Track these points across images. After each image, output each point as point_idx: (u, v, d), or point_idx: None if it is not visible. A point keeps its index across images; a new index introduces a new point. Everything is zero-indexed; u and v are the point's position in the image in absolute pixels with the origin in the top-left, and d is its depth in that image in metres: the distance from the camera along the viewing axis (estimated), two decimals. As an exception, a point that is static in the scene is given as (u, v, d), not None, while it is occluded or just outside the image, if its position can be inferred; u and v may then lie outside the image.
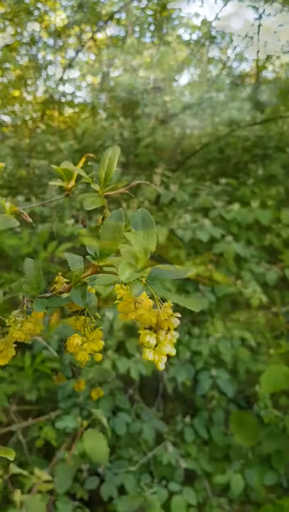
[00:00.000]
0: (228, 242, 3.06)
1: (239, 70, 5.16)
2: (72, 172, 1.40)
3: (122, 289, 0.67)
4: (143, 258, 0.62)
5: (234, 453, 2.79)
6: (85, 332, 0.71)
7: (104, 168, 1.36)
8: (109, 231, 0.65)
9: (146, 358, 0.63)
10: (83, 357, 0.69)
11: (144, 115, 4.10)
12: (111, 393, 2.83)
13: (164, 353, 0.63)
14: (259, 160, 3.99)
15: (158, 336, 0.64)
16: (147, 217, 0.67)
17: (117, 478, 2.55)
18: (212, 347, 2.89)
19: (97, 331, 0.71)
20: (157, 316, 0.64)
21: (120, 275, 0.55)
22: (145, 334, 0.63)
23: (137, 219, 0.66)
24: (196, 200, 3.34)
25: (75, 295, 0.64)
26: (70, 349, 0.70)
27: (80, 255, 0.73)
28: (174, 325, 0.63)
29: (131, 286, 0.60)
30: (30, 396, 2.86)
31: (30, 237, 3.22)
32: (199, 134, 4.10)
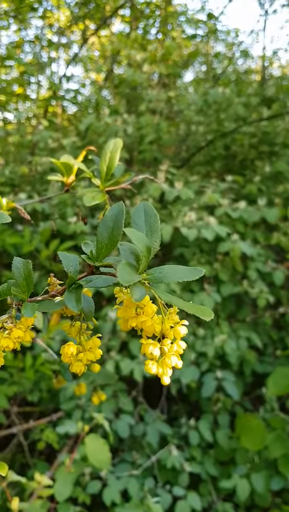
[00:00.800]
0: (234, 240, 2.98)
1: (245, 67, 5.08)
2: (72, 166, 1.33)
3: (122, 293, 0.60)
4: (145, 257, 0.54)
5: (240, 457, 2.72)
6: (81, 340, 0.64)
7: (105, 162, 1.29)
8: (107, 227, 0.57)
9: (149, 371, 0.55)
10: (78, 368, 0.62)
11: (149, 111, 4.02)
12: (114, 395, 2.77)
13: (170, 366, 0.56)
14: (266, 157, 3.90)
15: (162, 346, 0.56)
16: (150, 211, 0.59)
17: (120, 483, 2.48)
18: (217, 348, 2.82)
19: (94, 339, 0.64)
20: (162, 324, 0.56)
21: (119, 277, 0.48)
22: (148, 344, 0.56)
23: (139, 213, 0.59)
24: (202, 197, 3.27)
25: (68, 299, 0.57)
26: (64, 359, 0.62)
27: (82, 254, 0.66)
28: (181, 334, 0.56)
29: (131, 289, 0.53)
30: (32, 397, 2.81)
31: (32, 235, 3.16)
32: (204, 131, 4.01)
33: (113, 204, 0.79)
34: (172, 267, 0.56)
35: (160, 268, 0.56)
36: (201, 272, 0.55)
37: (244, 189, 3.51)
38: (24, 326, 0.61)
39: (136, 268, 0.54)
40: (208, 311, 0.48)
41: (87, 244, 0.59)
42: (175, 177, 3.42)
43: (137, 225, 0.59)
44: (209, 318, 0.47)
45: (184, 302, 0.49)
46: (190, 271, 0.55)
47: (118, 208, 0.59)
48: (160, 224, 0.61)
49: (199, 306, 0.49)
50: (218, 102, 3.69)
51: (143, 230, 0.58)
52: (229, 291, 3.00)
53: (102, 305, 3.23)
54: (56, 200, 3.35)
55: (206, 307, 0.48)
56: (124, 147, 3.81)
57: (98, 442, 1.78)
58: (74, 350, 0.62)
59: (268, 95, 3.94)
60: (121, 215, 0.58)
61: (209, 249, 3.18)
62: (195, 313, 0.47)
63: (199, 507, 2.47)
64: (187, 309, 0.48)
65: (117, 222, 0.58)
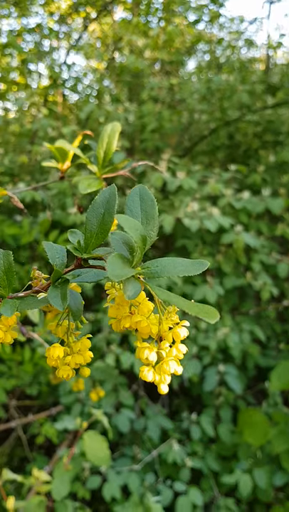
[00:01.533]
0: (237, 232, 2.90)
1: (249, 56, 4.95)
2: (67, 152, 1.26)
3: (114, 289, 0.53)
4: (140, 249, 0.47)
5: (242, 452, 2.67)
6: (69, 341, 0.57)
7: (102, 147, 1.21)
8: (97, 214, 0.50)
9: (145, 378, 0.49)
10: (65, 373, 0.55)
11: (151, 99, 3.92)
12: (114, 389, 2.71)
13: (168, 372, 0.49)
14: (270, 146, 3.81)
15: (160, 350, 0.49)
16: (147, 195, 0.52)
17: (120, 478, 2.44)
18: (220, 341, 2.76)
19: (83, 341, 0.57)
20: (159, 325, 0.50)
21: (109, 271, 0.41)
22: (143, 348, 0.49)
23: (133, 198, 0.51)
24: (204, 187, 3.18)
25: (53, 295, 0.50)
26: (50, 362, 0.56)
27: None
28: (181, 336, 0.49)
29: (124, 285, 0.46)
30: (31, 391, 2.76)
31: (31, 225, 3.09)
32: (208, 119, 3.91)
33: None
34: (171, 260, 0.49)
35: (157, 261, 0.49)
36: (205, 265, 0.48)
37: (248, 179, 3.42)
38: (5, 325, 0.54)
39: (129, 261, 0.47)
40: (212, 312, 0.41)
41: (74, 234, 0.52)
42: (177, 167, 3.33)
43: (132, 212, 0.51)
44: (214, 321, 0.40)
45: (185, 301, 0.42)
46: (192, 264, 0.48)
47: (110, 191, 0.51)
48: (160, 213, 0.54)
49: (202, 306, 0.42)
50: (222, 90, 3.59)
51: (138, 218, 0.51)
52: (232, 283, 2.93)
53: (103, 297, 3.17)
54: (56, 190, 3.27)
55: (210, 307, 0.41)
56: (126, 136, 3.72)
57: (97, 439, 1.72)
58: (61, 352, 0.55)
59: (273, 83, 3.83)
60: (113, 199, 0.51)
61: (212, 240, 3.11)
62: (197, 314, 0.40)
63: (201, 502, 2.42)
64: (188, 310, 0.41)
65: (108, 208, 0.51)
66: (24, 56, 4.57)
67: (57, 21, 5.02)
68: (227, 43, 4.55)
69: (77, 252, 0.51)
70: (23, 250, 3.20)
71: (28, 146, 4.07)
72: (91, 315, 2.89)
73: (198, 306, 0.42)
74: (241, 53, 4.80)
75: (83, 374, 0.59)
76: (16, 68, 4.82)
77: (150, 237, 0.51)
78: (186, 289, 2.85)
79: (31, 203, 3.32)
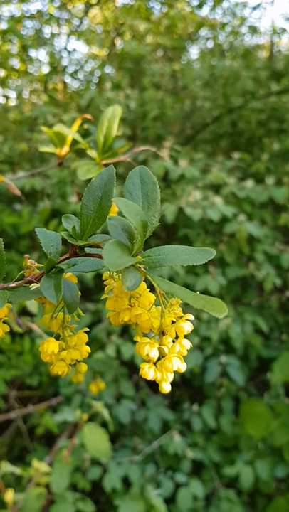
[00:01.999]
0: (240, 221, 2.85)
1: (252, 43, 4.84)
2: (65, 136, 1.21)
3: (113, 279, 0.49)
4: (141, 235, 0.43)
5: (244, 443, 2.65)
6: (64, 335, 0.53)
7: (102, 132, 1.16)
8: (93, 197, 0.46)
9: (145, 376, 0.45)
10: (60, 369, 0.51)
11: (153, 86, 3.84)
12: (115, 379, 2.69)
13: (170, 370, 0.45)
14: (274, 134, 3.73)
15: (162, 345, 0.45)
16: (148, 177, 0.48)
17: (121, 469, 2.43)
18: (222, 332, 2.73)
19: (80, 334, 0.53)
20: (161, 318, 0.46)
21: (106, 260, 0.37)
22: (144, 344, 0.45)
23: (133, 180, 0.47)
24: (207, 176, 3.12)
25: (45, 286, 0.46)
26: (44, 358, 0.52)
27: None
28: (185, 331, 0.45)
29: (123, 275, 0.42)
30: (31, 381, 2.74)
31: (31, 215, 3.04)
32: (211, 106, 3.83)
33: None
34: (174, 248, 0.45)
35: (159, 249, 0.45)
36: (211, 254, 0.44)
37: (251, 168, 3.36)
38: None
39: (128, 249, 0.43)
40: (219, 305, 0.37)
41: (68, 219, 0.48)
42: (179, 155, 3.27)
43: (132, 196, 0.47)
44: (222, 315, 0.36)
45: (190, 293, 0.38)
46: (197, 252, 0.44)
47: (108, 173, 0.47)
48: (162, 202, 0.49)
49: (209, 298, 0.38)
50: (226, 76, 3.51)
51: (139, 202, 0.47)
52: (235, 273, 2.89)
53: (103, 287, 3.13)
54: (56, 178, 3.22)
55: (217, 300, 0.37)
56: (127, 123, 3.65)
57: (97, 432, 1.70)
58: (55, 347, 0.51)
59: (278, 69, 3.74)
60: (111, 182, 0.46)
61: (214, 230, 3.06)
62: (203, 307, 0.36)
63: (202, 494, 2.41)
64: (193, 302, 0.37)
65: (106, 192, 0.47)
66: (24, 42, 4.48)
67: (58, 7, 4.92)
68: (231, 29, 4.45)
69: (72, 239, 0.47)
70: (22, 239, 3.16)
71: (28, 134, 4.01)
72: (91, 305, 2.86)
73: (205, 299, 0.38)
74: (245, 40, 4.70)
75: (80, 370, 0.55)
76: (16, 55, 4.73)
77: (151, 223, 0.46)
78: (188, 279, 2.82)
79: (31, 191, 3.27)
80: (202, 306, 0.37)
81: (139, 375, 0.46)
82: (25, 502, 1.69)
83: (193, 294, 0.39)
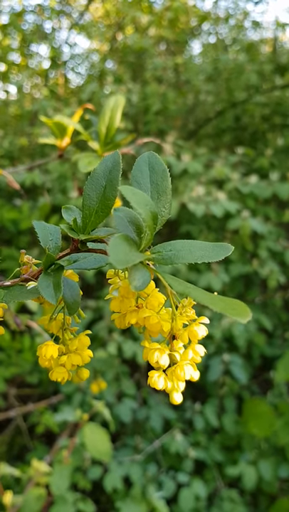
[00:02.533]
0: (244, 217, 2.80)
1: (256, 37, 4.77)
2: (66, 127, 1.16)
3: (118, 277, 0.44)
4: (150, 229, 0.38)
5: (247, 443, 2.61)
6: (64, 338, 0.48)
7: (104, 122, 1.11)
8: (97, 186, 0.41)
9: (155, 386, 0.40)
10: (60, 376, 0.46)
11: (155, 80, 3.78)
12: (116, 378, 2.65)
13: (182, 379, 0.40)
14: (278, 129, 3.68)
15: (172, 351, 0.41)
16: (158, 164, 0.43)
17: (122, 468, 2.39)
18: (225, 330, 2.68)
19: (81, 338, 0.48)
20: (172, 321, 0.41)
21: (111, 256, 0.32)
22: (153, 349, 0.40)
23: (141, 167, 0.42)
24: (210, 171, 3.07)
25: (43, 285, 0.41)
26: (42, 363, 0.47)
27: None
28: (199, 335, 0.41)
29: (130, 273, 0.37)
30: (31, 379, 2.70)
31: (31, 210, 2.99)
32: (214, 101, 3.77)
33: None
34: (188, 243, 0.40)
35: (170, 244, 0.40)
36: (228, 250, 0.39)
37: (255, 163, 3.30)
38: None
39: (136, 243, 0.39)
40: (242, 308, 0.32)
41: (69, 210, 0.43)
42: (182, 149, 3.22)
43: (139, 185, 0.42)
44: (246, 320, 0.31)
45: (207, 294, 0.33)
46: (212, 248, 0.39)
47: (113, 159, 0.42)
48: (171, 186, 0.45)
49: (230, 300, 0.33)
50: (229, 69, 3.45)
51: (147, 191, 0.42)
52: (238, 270, 2.85)
53: (104, 284, 3.09)
54: (56, 174, 3.17)
55: (239, 302, 0.32)
56: (129, 118, 3.60)
57: (98, 432, 1.66)
58: (54, 351, 0.46)
59: (282, 63, 3.68)
60: (117, 169, 0.42)
61: (217, 226, 3.01)
62: (224, 311, 0.31)
63: (204, 494, 2.38)
64: (212, 305, 0.32)
65: (111, 180, 0.42)
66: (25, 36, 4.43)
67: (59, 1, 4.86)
68: (234, 23, 4.38)
69: (73, 232, 0.42)
70: (22, 235, 3.11)
71: (28, 129, 3.96)
72: (92, 302, 2.82)
73: (225, 301, 0.33)
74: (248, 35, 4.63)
75: (81, 376, 0.51)
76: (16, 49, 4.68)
77: (161, 216, 0.42)
78: (190, 276, 2.77)
79: (31, 186, 3.22)
80: (222, 309, 0.32)
81: (148, 384, 0.41)
82: (25, 503, 1.65)
83: (211, 295, 0.35)
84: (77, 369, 0.50)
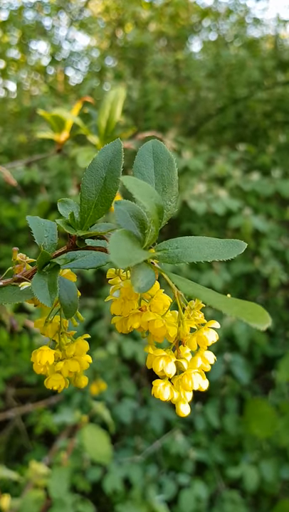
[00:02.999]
0: (245, 215, 2.77)
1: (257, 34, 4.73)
2: (64, 120, 1.12)
3: (119, 277, 0.40)
4: (155, 224, 0.34)
5: (248, 443, 2.58)
6: (61, 343, 0.45)
7: (104, 116, 1.07)
8: (96, 178, 0.37)
9: (160, 397, 0.36)
10: (56, 384, 0.43)
11: (155, 76, 3.74)
12: (116, 377, 2.62)
13: (190, 389, 0.37)
14: (280, 126, 3.64)
15: (179, 359, 0.37)
16: (163, 153, 0.39)
17: (122, 469, 2.36)
18: (226, 330, 2.65)
19: (79, 342, 0.45)
20: (178, 325, 0.37)
21: (112, 254, 0.29)
22: (158, 357, 0.36)
23: (145, 157, 0.38)
24: (211, 168, 3.03)
25: (37, 286, 0.37)
26: (37, 370, 0.43)
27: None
28: (208, 341, 0.37)
29: (133, 273, 0.33)
30: (30, 379, 2.66)
31: (30, 208, 2.96)
32: (215, 97, 3.73)
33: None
34: (196, 240, 0.36)
35: (177, 240, 0.37)
36: (241, 247, 0.36)
37: (257, 160, 3.26)
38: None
39: (140, 240, 0.35)
40: (260, 312, 0.29)
41: (66, 204, 0.39)
42: (183, 146, 3.18)
43: (143, 176, 0.38)
44: (265, 326, 0.28)
45: (220, 296, 0.30)
46: (223, 245, 0.35)
47: (114, 148, 0.38)
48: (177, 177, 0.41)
49: (245, 303, 0.29)
50: (231, 65, 3.41)
51: (152, 183, 0.38)
52: (239, 269, 2.81)
53: (104, 282, 3.05)
54: (56, 171, 3.13)
55: (256, 306, 0.28)
56: (129, 114, 3.56)
57: (97, 434, 1.62)
58: (50, 357, 0.43)
59: (285, 59, 3.64)
60: (118, 159, 0.38)
61: (219, 224, 2.97)
62: (239, 315, 0.28)
63: (205, 495, 2.35)
64: (226, 309, 0.29)
65: (112, 171, 0.38)
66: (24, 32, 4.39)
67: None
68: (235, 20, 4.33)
69: (70, 228, 0.38)
70: (21, 233, 3.07)
71: (27, 126, 3.92)
72: (92, 301, 2.78)
73: (240, 304, 0.30)
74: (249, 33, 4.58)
75: (79, 384, 0.47)
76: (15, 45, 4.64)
77: (167, 209, 0.38)
78: (191, 274, 2.74)
79: (30, 184, 3.19)
80: (237, 313, 0.28)
81: (152, 394, 0.38)
82: (23, 506, 1.62)
83: (224, 297, 0.31)
84: (74, 376, 0.46)
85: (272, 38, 4.46)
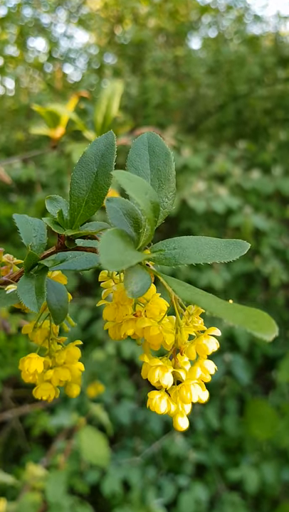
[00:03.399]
0: (246, 214, 2.74)
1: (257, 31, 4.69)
2: (59, 116, 1.09)
3: (112, 280, 0.38)
4: (150, 223, 0.31)
5: (249, 445, 2.55)
6: (51, 349, 0.42)
7: (101, 111, 1.04)
8: (87, 173, 0.34)
9: (156, 410, 0.33)
10: (45, 394, 0.40)
11: (154, 73, 3.70)
12: (114, 378, 2.59)
13: (188, 401, 0.34)
14: (280, 123, 3.60)
15: (177, 368, 0.34)
16: (159, 147, 0.36)
17: (121, 471, 2.33)
18: (226, 329, 2.62)
19: (70, 349, 0.42)
20: (176, 332, 0.34)
21: (101, 256, 0.26)
22: (154, 367, 0.33)
23: (139, 150, 0.36)
24: (211, 166, 3.00)
25: (23, 289, 0.34)
26: (26, 378, 0.41)
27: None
28: (209, 350, 0.34)
29: (126, 276, 0.30)
30: (28, 379, 2.63)
31: (27, 206, 2.92)
32: (215, 94, 3.70)
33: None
34: (195, 240, 0.33)
35: (174, 241, 0.34)
36: (244, 248, 0.33)
37: (257, 158, 3.23)
38: None
39: (133, 240, 0.32)
40: (266, 321, 0.26)
41: (54, 201, 0.36)
42: (183, 144, 3.14)
43: (137, 170, 0.35)
44: (271, 337, 0.25)
45: (221, 303, 0.27)
46: (224, 246, 0.33)
47: (106, 141, 0.35)
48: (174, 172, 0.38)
49: (249, 310, 0.26)
50: (231, 61, 3.37)
51: (147, 178, 0.35)
52: (240, 268, 2.78)
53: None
54: (53, 169, 3.10)
55: (262, 313, 0.26)
56: (128, 111, 3.53)
57: (95, 437, 1.60)
58: (39, 365, 0.40)
59: (285, 55, 3.60)
60: (110, 152, 0.35)
61: (218, 223, 2.94)
62: (244, 325, 0.25)
63: (205, 497, 2.32)
64: (228, 317, 0.26)
65: (104, 165, 0.35)
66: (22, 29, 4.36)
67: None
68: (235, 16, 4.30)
69: (59, 227, 0.35)
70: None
71: (25, 123, 3.89)
72: (90, 300, 2.75)
73: (243, 311, 0.27)
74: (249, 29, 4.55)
75: (70, 393, 0.44)
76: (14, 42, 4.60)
77: (164, 207, 0.35)
78: (190, 274, 2.71)
79: (28, 182, 3.15)
80: (241, 322, 0.25)
81: (148, 407, 0.35)
82: (19, 510, 1.59)
83: (225, 304, 0.28)
84: (66, 385, 0.43)
85: (272, 35, 4.43)
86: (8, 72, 4.81)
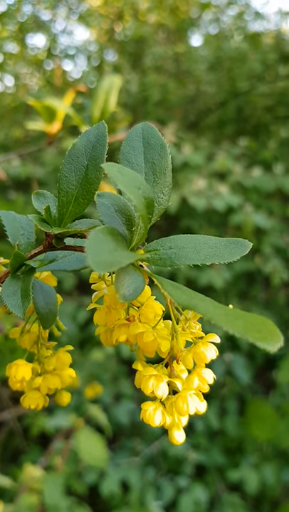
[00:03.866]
0: (246, 212, 2.71)
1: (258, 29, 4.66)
2: (55, 111, 1.06)
3: (104, 282, 0.35)
4: (144, 220, 0.29)
5: (249, 445, 2.53)
6: (40, 355, 0.39)
7: (98, 105, 1.02)
8: (77, 166, 0.32)
9: (150, 422, 0.31)
10: (33, 402, 0.38)
11: (155, 70, 3.67)
12: (113, 377, 2.57)
13: (185, 413, 0.31)
14: (282, 120, 3.57)
15: (173, 378, 0.32)
16: (155, 138, 0.33)
17: (119, 471, 2.31)
18: (226, 329, 2.59)
19: (60, 355, 0.39)
20: (172, 339, 0.32)
21: (89, 256, 0.23)
22: (148, 376, 0.31)
23: (133, 142, 0.33)
24: (212, 164, 2.97)
25: (8, 292, 0.32)
26: (13, 385, 0.38)
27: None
28: (207, 358, 0.31)
29: (118, 278, 0.28)
30: (26, 379, 2.61)
31: (25, 204, 2.90)
32: (215, 91, 3.67)
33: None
34: (192, 239, 0.31)
35: (170, 239, 0.31)
36: (245, 248, 0.30)
37: (258, 155, 3.20)
38: None
39: (126, 239, 0.29)
40: (270, 330, 0.23)
41: (41, 197, 0.34)
42: (183, 141, 3.11)
43: (130, 163, 0.33)
44: (275, 348, 0.22)
45: (219, 308, 0.24)
46: (225, 245, 0.30)
47: (97, 132, 0.33)
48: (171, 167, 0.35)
49: (251, 316, 0.24)
50: (231, 58, 3.34)
51: (141, 172, 0.32)
52: (240, 267, 2.75)
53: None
54: (52, 167, 3.07)
55: (266, 321, 0.23)
56: (128, 108, 3.50)
57: (93, 438, 1.57)
58: (27, 372, 0.37)
59: (287, 52, 3.57)
60: (102, 144, 0.32)
61: (219, 221, 2.92)
62: (245, 333, 0.22)
63: (205, 498, 2.30)
64: (228, 325, 0.23)
65: (94, 158, 0.32)
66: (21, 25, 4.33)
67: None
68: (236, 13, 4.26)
69: (45, 225, 0.33)
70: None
71: (23, 120, 3.87)
72: (89, 299, 2.73)
73: (245, 319, 0.24)
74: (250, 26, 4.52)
75: (60, 402, 0.42)
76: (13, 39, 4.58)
77: (159, 203, 0.32)
78: (190, 273, 2.68)
79: (27, 180, 3.13)
80: (242, 330, 0.23)
81: (141, 419, 0.32)
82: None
83: (225, 309, 0.25)
84: (55, 393, 0.41)
85: (273, 32, 4.39)
86: (8, 69, 4.79)
